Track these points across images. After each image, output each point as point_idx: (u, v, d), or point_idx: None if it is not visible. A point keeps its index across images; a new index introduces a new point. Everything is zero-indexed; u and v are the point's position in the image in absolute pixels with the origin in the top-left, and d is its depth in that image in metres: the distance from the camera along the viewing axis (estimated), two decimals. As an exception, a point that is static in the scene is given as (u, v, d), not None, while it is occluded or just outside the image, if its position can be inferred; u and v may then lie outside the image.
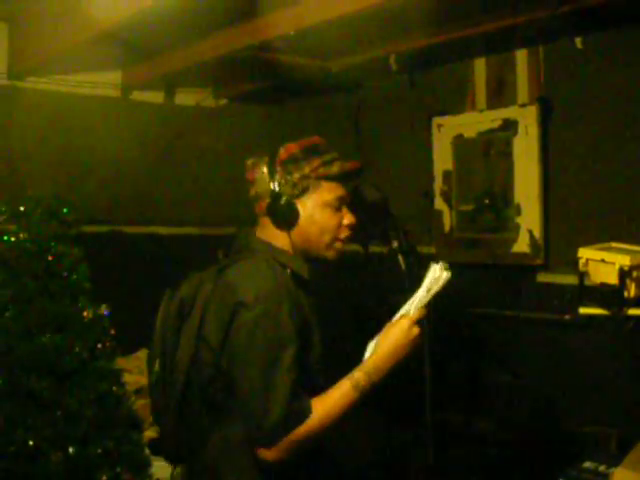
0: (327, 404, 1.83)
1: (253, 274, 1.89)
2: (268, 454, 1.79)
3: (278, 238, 2.01)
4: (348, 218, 2.03)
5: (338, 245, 2.03)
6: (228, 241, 2.11)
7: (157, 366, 2.03)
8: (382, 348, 1.88)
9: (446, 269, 1.89)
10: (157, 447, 3.73)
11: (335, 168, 1.99)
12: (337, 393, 1.84)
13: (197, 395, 1.94)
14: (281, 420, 1.77)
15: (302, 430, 1.79)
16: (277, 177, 1.96)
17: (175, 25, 3.61)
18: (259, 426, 1.79)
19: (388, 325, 1.92)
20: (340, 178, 2.01)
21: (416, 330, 1.89)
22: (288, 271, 1.97)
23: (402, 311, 1.93)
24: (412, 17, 3.50)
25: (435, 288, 1.89)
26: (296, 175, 1.96)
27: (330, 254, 2.02)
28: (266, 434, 1.78)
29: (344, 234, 2.03)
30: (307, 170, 1.96)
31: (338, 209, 2.01)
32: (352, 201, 2.07)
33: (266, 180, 1.98)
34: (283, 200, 1.95)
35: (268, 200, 1.98)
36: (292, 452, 1.80)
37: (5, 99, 4.28)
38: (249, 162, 2.04)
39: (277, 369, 1.80)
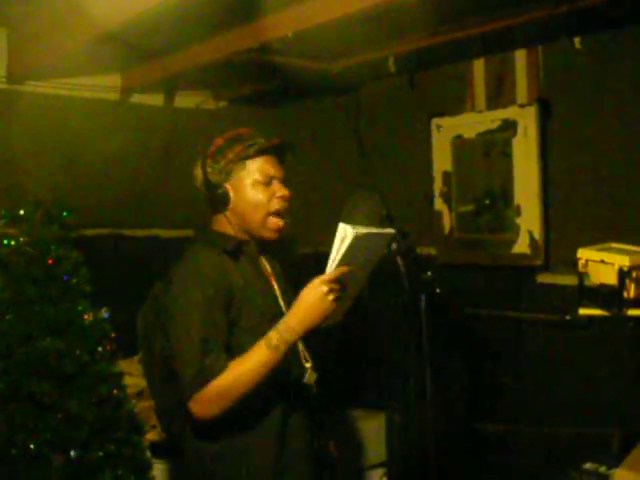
0: (243, 362, 1.98)
1: (184, 257, 2.14)
2: (193, 408, 1.98)
3: (219, 224, 2.22)
4: (279, 190, 2.17)
5: (273, 221, 2.17)
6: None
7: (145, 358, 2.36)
8: (294, 308, 1.99)
9: (355, 227, 1.93)
10: (158, 449, 3.74)
11: (255, 147, 2.15)
12: (252, 352, 1.98)
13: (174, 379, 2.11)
14: (194, 374, 1.96)
15: (216, 385, 1.95)
16: (207, 168, 2.19)
17: (174, 28, 3.62)
18: (182, 384, 2.00)
19: (315, 286, 2.00)
20: (258, 154, 2.16)
21: (325, 288, 1.96)
22: (218, 253, 2.13)
23: None
24: (411, 18, 3.50)
25: (345, 245, 1.93)
26: (222, 162, 2.16)
27: (266, 233, 2.18)
28: (184, 389, 1.98)
29: (276, 206, 2.16)
30: (230, 155, 2.16)
31: (268, 185, 2.16)
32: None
33: (199, 174, 2.23)
34: (213, 187, 2.17)
35: (204, 190, 2.21)
36: (212, 406, 1.97)
37: (5, 103, 4.27)
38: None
39: (187, 333, 2.01)
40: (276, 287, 2.27)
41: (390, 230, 2.11)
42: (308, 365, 2.21)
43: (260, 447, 2.11)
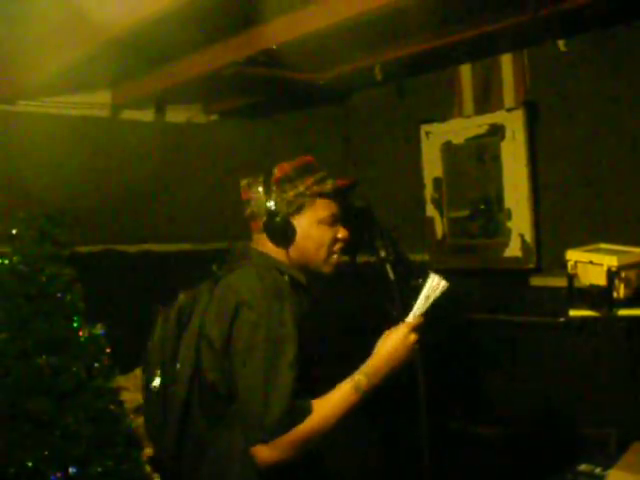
0: (328, 405, 1.86)
1: (253, 277, 1.94)
2: (267, 453, 1.80)
3: (276, 252, 2.06)
4: (342, 232, 2.10)
5: (333, 259, 2.10)
6: (222, 255, 2.14)
7: (155, 382, 2.04)
8: (381, 351, 1.93)
9: (443, 278, 1.96)
10: (156, 464, 3.73)
11: (329, 185, 2.06)
12: (338, 394, 1.87)
13: (198, 406, 1.95)
14: (282, 416, 1.79)
15: (302, 429, 1.81)
16: (273, 196, 2.03)
17: (162, 43, 3.63)
18: (260, 423, 1.80)
19: (387, 332, 1.96)
20: (333, 195, 2.07)
21: (413, 336, 1.94)
22: (286, 277, 2.02)
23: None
24: (397, 26, 3.53)
25: (433, 296, 1.97)
26: (291, 193, 2.02)
27: (327, 268, 2.10)
28: (266, 431, 1.79)
29: (338, 248, 2.11)
30: (302, 188, 2.03)
31: (333, 224, 2.08)
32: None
33: (262, 199, 2.04)
34: (279, 218, 2.02)
35: (264, 218, 2.04)
36: (291, 452, 1.82)
37: (-5, 123, 4.30)
38: (244, 182, 2.10)
39: (279, 366, 1.82)
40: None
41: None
42: None
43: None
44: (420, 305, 1.98)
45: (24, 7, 3.37)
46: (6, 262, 3.37)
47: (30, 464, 3.14)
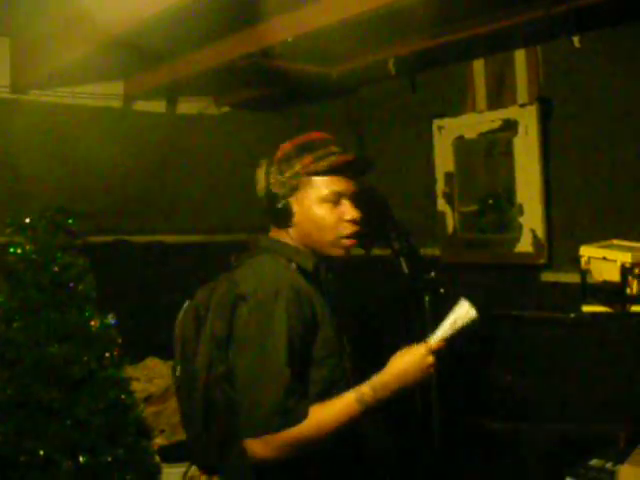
0: (327, 412, 1.80)
1: (256, 269, 1.92)
2: (258, 448, 1.76)
3: (284, 236, 2.01)
4: (349, 213, 1.97)
5: (343, 242, 1.98)
6: (240, 247, 2.10)
7: (179, 372, 2.05)
8: (393, 367, 1.85)
9: (474, 307, 1.90)
10: (167, 454, 3.75)
11: (324, 163, 1.94)
12: (339, 403, 1.81)
13: (218, 398, 1.92)
14: (271, 415, 1.75)
15: (295, 432, 1.76)
16: (271, 177, 1.97)
17: (175, 34, 3.64)
18: (249, 418, 1.77)
19: (406, 349, 1.89)
20: (330, 172, 1.95)
21: (430, 359, 1.86)
22: (293, 265, 1.95)
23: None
24: (411, 20, 3.52)
25: (459, 323, 1.89)
26: (287, 174, 1.95)
27: (336, 252, 2.00)
28: (255, 426, 1.76)
29: (347, 230, 1.98)
30: (298, 167, 1.95)
31: (336, 203, 1.97)
32: (357, 195, 2.02)
33: (262, 181, 2.00)
34: (275, 199, 1.96)
35: (265, 201, 1.99)
36: (282, 452, 1.77)
37: (9, 112, 4.31)
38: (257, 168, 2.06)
39: (271, 362, 1.78)
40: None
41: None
42: None
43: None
44: (445, 329, 1.89)
45: (40, -2, 3.39)
46: (19, 251, 3.39)
47: (41, 452, 3.16)
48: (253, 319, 1.82)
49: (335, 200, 1.96)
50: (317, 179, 1.95)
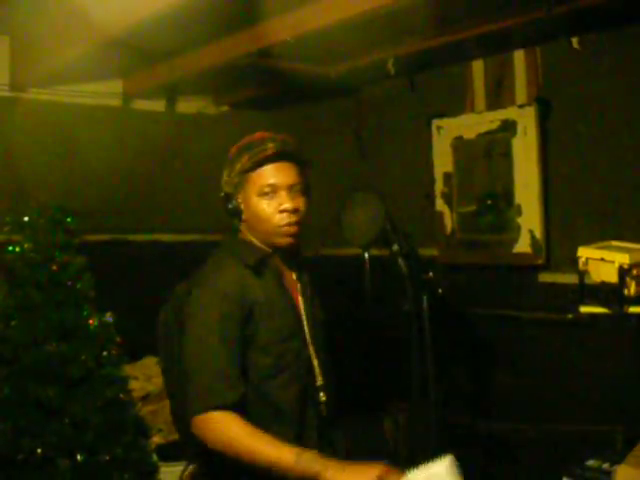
0: (265, 445, 1.85)
1: (204, 268, 2.10)
2: (194, 429, 1.92)
3: (245, 232, 2.15)
4: (280, 203, 2.07)
5: (284, 230, 2.08)
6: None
7: (162, 367, 2.26)
8: (349, 463, 1.85)
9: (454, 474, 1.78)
10: (165, 452, 3.76)
11: (254, 159, 2.06)
12: (280, 447, 1.85)
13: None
14: (198, 394, 1.92)
15: (234, 437, 1.86)
16: (223, 178, 2.14)
17: (175, 33, 3.64)
18: (185, 397, 1.96)
19: (371, 464, 1.85)
20: (257, 166, 2.06)
21: None
22: (238, 261, 2.08)
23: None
24: (410, 20, 3.52)
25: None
26: (233, 174, 2.10)
27: (280, 240, 2.10)
28: (187, 406, 1.94)
29: (283, 220, 2.07)
30: (237, 167, 2.09)
31: (273, 195, 2.07)
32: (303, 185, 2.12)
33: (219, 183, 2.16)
34: (227, 199, 2.12)
35: (221, 201, 2.15)
36: (215, 445, 1.89)
37: (8, 110, 4.31)
38: None
39: (198, 352, 1.97)
40: (301, 303, 2.17)
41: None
42: (319, 384, 2.11)
43: None
44: (417, 477, 1.80)
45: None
46: (18, 250, 3.39)
47: (39, 451, 3.16)
48: (194, 314, 2.01)
49: (271, 192, 2.07)
50: (252, 175, 2.07)
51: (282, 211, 2.06)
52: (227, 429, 1.88)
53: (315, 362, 2.12)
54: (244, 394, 1.94)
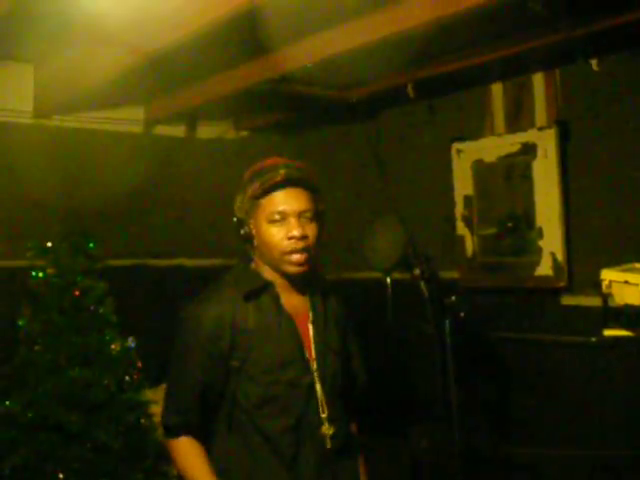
0: (192, 468, 2.03)
1: (201, 294, 2.12)
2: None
3: (256, 258, 2.13)
4: (289, 229, 2.02)
5: (292, 258, 2.03)
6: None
7: None
8: None
9: None
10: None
11: (264, 186, 2.03)
12: (199, 471, 2.01)
13: None
14: (164, 416, 2.10)
15: (178, 454, 2.07)
16: (235, 204, 2.11)
17: (196, 60, 3.68)
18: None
19: None
20: (266, 193, 2.03)
21: None
22: (236, 290, 2.07)
23: None
24: (429, 45, 3.54)
25: None
26: (245, 199, 2.07)
27: (289, 268, 2.05)
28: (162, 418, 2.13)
29: (290, 247, 2.02)
30: (249, 192, 2.06)
31: (282, 221, 2.03)
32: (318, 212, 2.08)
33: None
34: (239, 225, 2.10)
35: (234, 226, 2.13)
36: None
37: (32, 138, 4.36)
38: None
39: (174, 380, 2.10)
40: (310, 331, 2.11)
41: None
42: (324, 416, 2.05)
43: None
44: None
45: (63, 24, 3.43)
46: (41, 275, 3.42)
47: (60, 476, 3.17)
48: (176, 340, 2.09)
49: (281, 219, 2.03)
50: (263, 201, 2.04)
51: (290, 238, 2.01)
52: (177, 454, 2.07)
53: (319, 392, 2.05)
54: (192, 421, 2.06)
